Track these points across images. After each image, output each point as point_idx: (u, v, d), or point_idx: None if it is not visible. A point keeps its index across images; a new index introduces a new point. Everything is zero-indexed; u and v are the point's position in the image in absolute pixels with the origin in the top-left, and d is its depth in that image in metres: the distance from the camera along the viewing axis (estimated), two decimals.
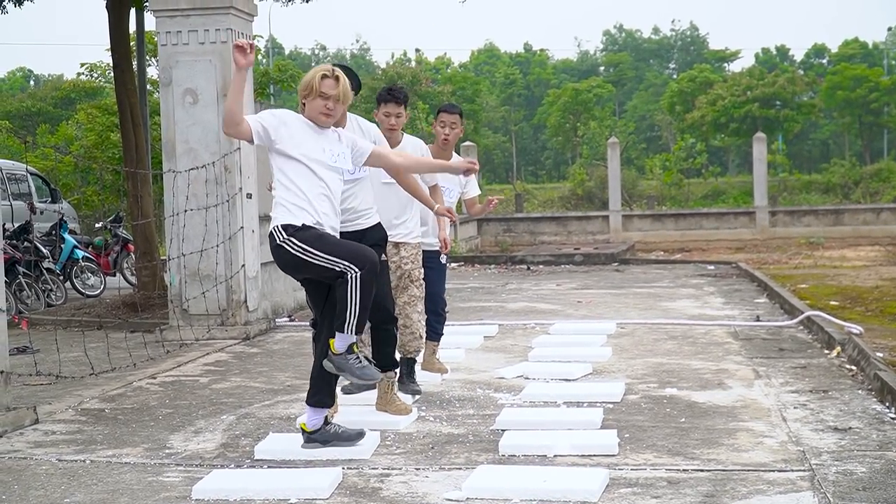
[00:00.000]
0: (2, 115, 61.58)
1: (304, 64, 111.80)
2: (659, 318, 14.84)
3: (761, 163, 35.60)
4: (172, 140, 14.06)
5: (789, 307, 14.88)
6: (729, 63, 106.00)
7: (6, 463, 7.60)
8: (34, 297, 17.82)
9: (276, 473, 7.03)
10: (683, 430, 8.07)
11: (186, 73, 14.01)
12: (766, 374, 10.34)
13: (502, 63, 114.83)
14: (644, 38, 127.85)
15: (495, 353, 12.19)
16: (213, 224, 13.83)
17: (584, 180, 49.41)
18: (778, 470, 6.86)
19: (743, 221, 35.04)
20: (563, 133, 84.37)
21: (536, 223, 36.15)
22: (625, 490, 6.49)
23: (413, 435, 8.18)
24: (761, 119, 70.24)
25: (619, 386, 9.62)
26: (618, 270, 24.31)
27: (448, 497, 6.45)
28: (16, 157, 35.05)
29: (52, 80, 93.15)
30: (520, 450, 7.48)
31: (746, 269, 21.70)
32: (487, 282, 21.79)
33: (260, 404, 9.55)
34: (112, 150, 30.35)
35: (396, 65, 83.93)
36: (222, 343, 13.39)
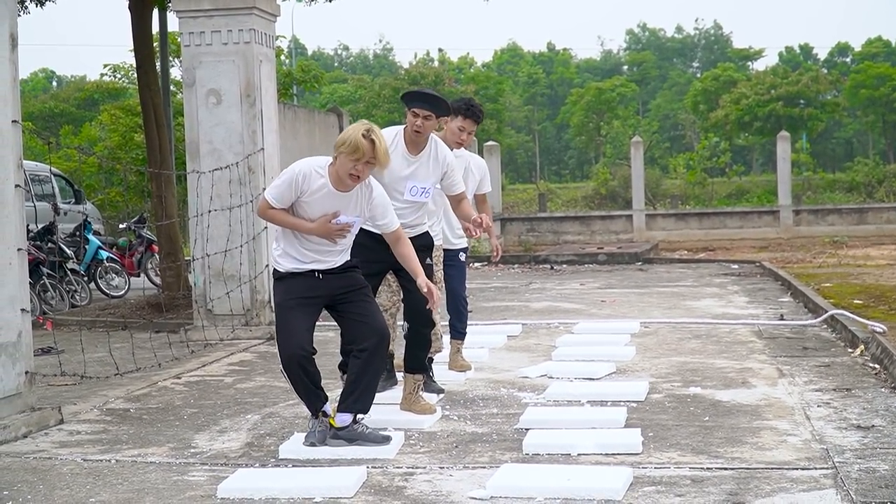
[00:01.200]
0: (25, 116, 61.61)
1: (327, 64, 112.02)
2: (683, 317, 14.83)
3: (785, 162, 35.49)
4: (196, 141, 14.09)
5: (813, 306, 14.84)
6: (752, 62, 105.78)
7: (31, 463, 7.64)
8: (59, 297, 17.88)
9: (301, 472, 7.05)
10: (707, 428, 8.06)
11: (210, 74, 14.04)
12: (790, 372, 10.33)
13: (525, 62, 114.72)
14: (667, 36, 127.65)
15: (519, 352, 12.19)
16: (237, 224, 13.87)
17: (607, 180, 49.37)
18: (801, 468, 6.85)
19: (767, 220, 34.94)
20: (586, 132, 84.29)
21: (560, 223, 36.10)
22: (649, 488, 6.49)
23: (437, 434, 8.20)
24: (785, 118, 70.01)
25: (643, 385, 9.62)
26: (641, 270, 24.28)
27: (472, 496, 6.46)
28: (39, 158, 35.18)
29: (74, 81, 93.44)
30: (544, 449, 7.49)
31: (770, 268, 21.65)
32: (511, 281, 21.79)
33: (284, 403, 9.57)
34: (136, 151, 30.45)
35: (419, 65, 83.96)
36: (246, 343, 13.43)
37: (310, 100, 65.94)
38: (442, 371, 10.29)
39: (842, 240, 31.49)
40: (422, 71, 73.59)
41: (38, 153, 39.98)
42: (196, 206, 13.96)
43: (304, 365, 7.61)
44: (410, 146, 8.57)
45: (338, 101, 64.06)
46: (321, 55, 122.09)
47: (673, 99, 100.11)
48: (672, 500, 6.23)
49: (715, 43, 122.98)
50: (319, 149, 17.32)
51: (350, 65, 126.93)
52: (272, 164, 14.29)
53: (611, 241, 33.63)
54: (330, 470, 7.08)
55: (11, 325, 8.60)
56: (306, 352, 7.66)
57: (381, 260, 8.51)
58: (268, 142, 14.19)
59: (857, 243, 30.85)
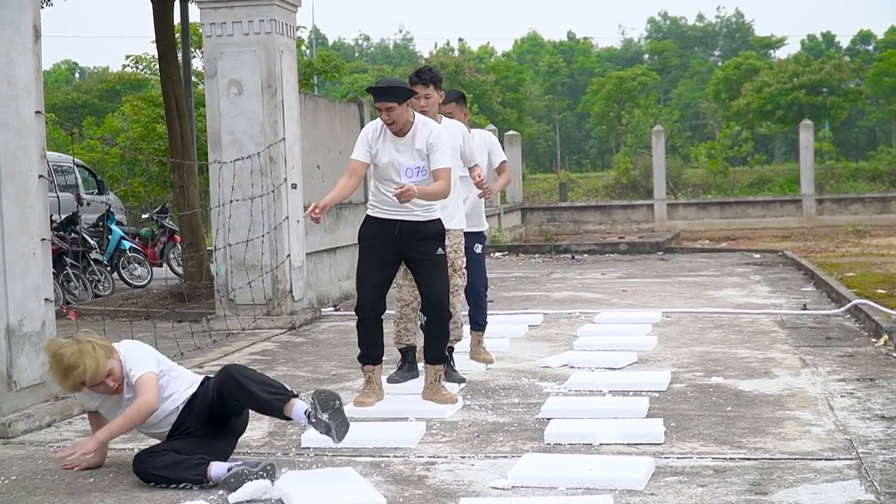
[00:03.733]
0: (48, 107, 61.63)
1: (348, 54, 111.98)
2: (705, 306, 14.80)
3: (808, 150, 35.43)
4: (218, 131, 14.12)
5: (836, 295, 14.81)
6: (774, 50, 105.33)
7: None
8: (82, 287, 17.93)
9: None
10: (730, 418, 8.06)
11: (231, 65, 14.07)
12: (813, 362, 10.31)
13: (546, 52, 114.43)
14: (689, 25, 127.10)
15: (540, 342, 12.19)
16: (259, 214, 13.89)
17: (628, 169, 49.31)
18: (825, 458, 6.84)
19: (789, 209, 34.88)
20: (607, 121, 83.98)
21: (580, 212, 36.11)
22: (671, 478, 6.49)
23: (459, 423, 8.21)
24: (808, 106, 69.67)
25: (665, 375, 9.61)
26: (663, 259, 24.25)
27: (494, 485, 6.46)
28: (62, 148, 35.22)
29: (97, 72, 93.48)
30: (565, 438, 7.49)
31: (793, 258, 21.59)
32: (531, 271, 21.78)
33: (306, 393, 9.57)
34: (158, 142, 30.47)
35: (440, 54, 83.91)
36: (268, 333, 13.46)
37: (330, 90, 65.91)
38: (463, 361, 10.31)
39: (865, 229, 31.41)
40: (442, 61, 73.47)
41: (61, 144, 40.07)
42: (218, 196, 14.00)
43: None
44: (396, 131, 8.68)
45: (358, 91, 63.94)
46: (341, 45, 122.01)
47: (694, 88, 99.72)
48: (695, 491, 6.23)
49: (737, 31, 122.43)
50: (340, 138, 17.33)
51: (370, 55, 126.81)
52: (293, 154, 14.31)
53: (632, 230, 33.60)
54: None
55: (35, 315, 8.64)
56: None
57: (396, 250, 8.71)
58: (289, 132, 14.21)
59: (880, 232, 30.77)
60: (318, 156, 16.27)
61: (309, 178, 15.37)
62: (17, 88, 8.47)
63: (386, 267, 8.78)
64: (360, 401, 8.72)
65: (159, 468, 6.58)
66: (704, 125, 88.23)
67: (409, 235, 8.67)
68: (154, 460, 6.63)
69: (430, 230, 8.74)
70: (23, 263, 8.48)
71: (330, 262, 16.60)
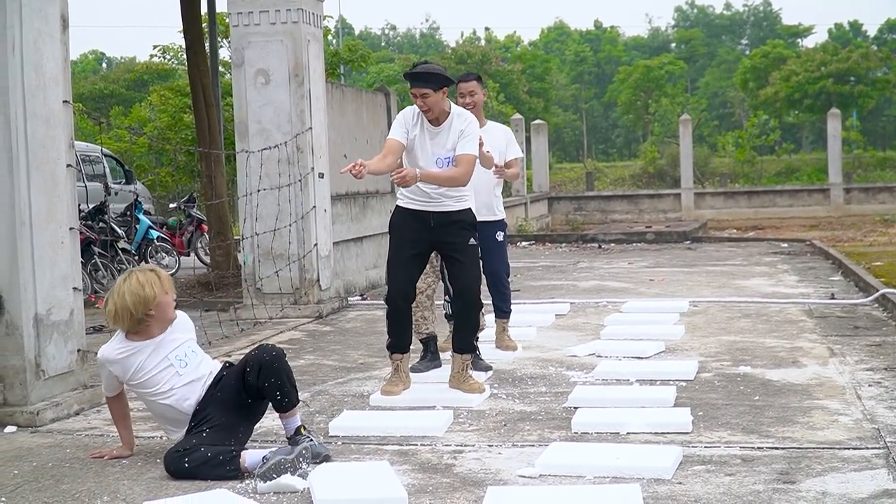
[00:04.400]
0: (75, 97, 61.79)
1: (374, 44, 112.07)
2: (732, 296, 14.77)
3: (836, 139, 35.30)
4: (245, 120, 14.14)
5: (864, 285, 14.75)
6: (802, 39, 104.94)
7: (83, 440, 7.70)
8: (109, 276, 17.97)
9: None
10: (758, 408, 8.04)
11: (258, 54, 14.08)
12: (841, 351, 10.28)
13: (572, 41, 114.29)
14: (716, 13, 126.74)
15: (567, 331, 12.18)
16: (286, 203, 13.91)
17: (655, 158, 49.23)
18: (853, 448, 6.82)
19: (817, 199, 34.77)
20: (634, 111, 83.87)
21: (607, 201, 36.06)
22: (698, 467, 6.48)
23: (486, 412, 8.21)
24: (835, 95, 69.40)
25: (693, 364, 9.60)
26: (690, 248, 24.20)
27: (521, 473, 6.46)
28: (90, 138, 35.36)
29: (124, 62, 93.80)
30: (592, 427, 7.48)
31: (821, 247, 21.53)
32: (558, 260, 21.76)
33: (333, 382, 9.61)
34: (185, 132, 30.56)
35: (466, 44, 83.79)
36: (295, 322, 13.48)
37: (357, 79, 65.96)
38: (489, 350, 10.30)
39: (893, 218, 31.29)
40: (468, 50, 73.46)
41: (88, 134, 40.20)
42: (245, 186, 14.02)
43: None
44: (431, 119, 8.61)
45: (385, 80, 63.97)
46: (368, 35, 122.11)
47: (721, 76, 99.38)
48: (722, 480, 6.22)
49: (764, 20, 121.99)
50: (367, 128, 17.34)
51: (397, 44, 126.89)
52: (320, 144, 14.32)
53: (659, 219, 33.56)
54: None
55: (64, 304, 8.67)
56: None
57: (427, 241, 8.67)
58: (316, 121, 14.22)
59: None
60: (344, 145, 16.28)
61: (336, 168, 15.36)
62: (44, 78, 8.50)
63: (417, 256, 8.72)
64: (388, 389, 8.68)
65: (192, 467, 6.57)
66: (732, 114, 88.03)
67: (442, 226, 8.64)
68: (185, 459, 6.61)
69: (462, 219, 8.70)
70: (51, 252, 8.52)
71: (357, 252, 16.62)
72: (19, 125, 8.19)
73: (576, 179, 50.87)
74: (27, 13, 8.30)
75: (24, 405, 8.20)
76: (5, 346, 8.25)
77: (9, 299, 8.22)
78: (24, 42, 8.27)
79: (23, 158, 8.20)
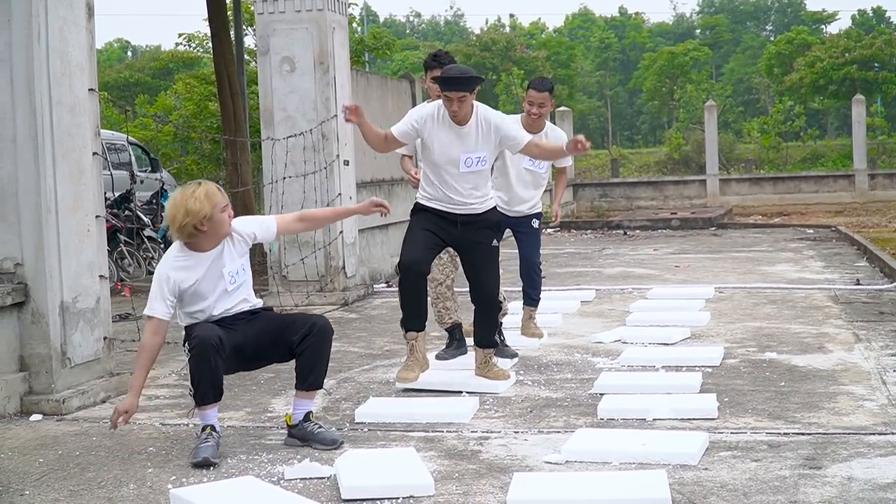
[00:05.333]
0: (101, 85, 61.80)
1: (399, 31, 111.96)
2: (758, 282, 14.75)
3: (860, 125, 35.15)
4: (270, 108, 14.16)
5: (889, 270, 14.71)
6: (826, 25, 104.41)
7: (109, 428, 7.73)
8: (135, 264, 18.05)
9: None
10: (783, 393, 8.03)
11: (283, 42, 14.10)
12: (867, 337, 10.25)
13: (597, 27, 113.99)
14: (741, 0, 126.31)
15: (592, 317, 12.18)
16: (312, 191, 13.93)
17: (680, 144, 49.04)
18: (878, 433, 6.81)
19: (842, 185, 34.63)
20: (659, 97, 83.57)
21: (632, 188, 35.99)
22: (724, 453, 6.47)
23: (512, 399, 8.22)
24: (860, 81, 68.97)
25: (718, 350, 9.58)
26: (715, 235, 24.15)
27: (547, 460, 6.47)
28: (115, 127, 35.38)
29: (149, 50, 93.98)
30: (618, 413, 7.49)
31: (846, 233, 21.48)
32: (584, 247, 21.75)
33: (359, 369, 9.63)
34: (210, 120, 30.58)
35: (491, 31, 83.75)
36: (321, 309, 13.49)
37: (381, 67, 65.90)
38: (514, 337, 10.29)
39: None
40: (493, 37, 73.45)
41: (114, 122, 40.24)
42: (270, 174, 14.04)
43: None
44: (458, 120, 8.27)
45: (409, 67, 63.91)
46: (393, 22, 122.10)
47: (746, 63, 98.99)
48: (748, 465, 6.22)
49: (788, 6, 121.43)
50: (392, 115, 17.33)
51: (421, 31, 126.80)
52: (345, 131, 14.33)
53: (684, 206, 33.47)
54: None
55: (90, 292, 8.71)
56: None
57: (446, 231, 8.40)
58: (341, 108, 14.21)
59: None
60: None
61: (361, 155, 15.38)
62: (70, 66, 8.53)
63: (436, 237, 8.37)
64: (403, 376, 8.41)
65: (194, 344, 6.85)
66: (757, 100, 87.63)
67: (467, 226, 8.39)
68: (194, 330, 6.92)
69: (487, 220, 8.49)
70: (77, 240, 8.55)
71: (382, 239, 16.64)
72: (45, 113, 8.23)
73: (601, 166, 50.71)
74: (52, 2, 8.33)
75: (50, 393, 8.24)
76: (31, 335, 8.29)
77: (35, 287, 8.26)
78: (50, 30, 8.30)
79: (48, 147, 8.24)
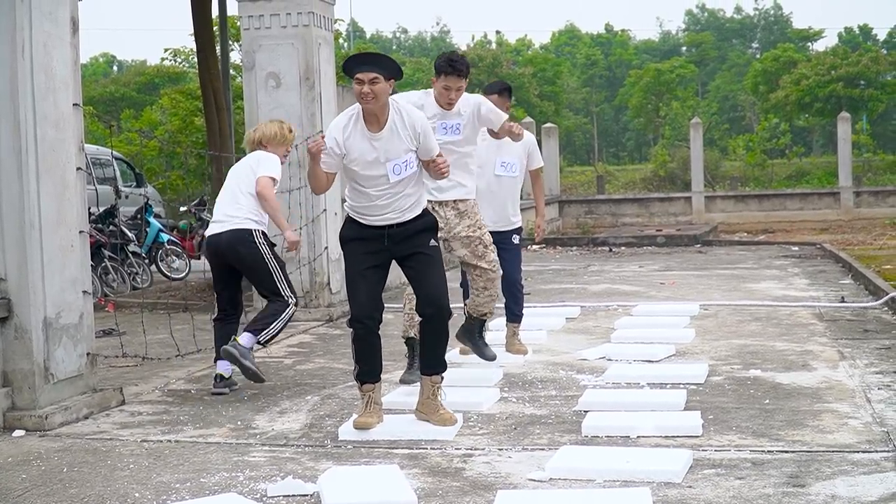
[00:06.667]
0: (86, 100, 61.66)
1: (386, 47, 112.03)
2: (743, 299, 14.76)
3: (846, 143, 35.22)
4: (255, 124, 14.12)
5: (874, 288, 14.73)
6: (812, 42, 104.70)
7: (93, 444, 7.71)
8: (120, 280, 18.01)
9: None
10: (768, 411, 8.02)
11: (269, 57, 14.10)
12: (851, 355, 10.26)
13: (583, 44, 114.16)
14: (727, 17, 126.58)
15: (577, 334, 12.18)
16: (297, 207, 13.91)
17: (666, 161, 49.10)
18: (862, 451, 6.81)
19: (827, 202, 34.68)
20: (644, 114, 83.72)
21: (618, 205, 35.99)
22: (708, 471, 6.47)
23: (496, 416, 8.20)
24: (845, 98, 69.17)
25: (703, 367, 9.59)
26: (700, 252, 24.18)
27: (531, 477, 6.46)
28: (101, 141, 35.41)
29: (135, 65, 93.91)
30: (603, 431, 7.47)
31: (831, 250, 21.51)
32: (569, 264, 21.75)
33: (343, 385, 9.61)
34: (196, 135, 30.57)
35: (477, 47, 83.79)
36: (306, 325, 13.48)
37: None
38: (499, 353, 10.26)
39: None
40: (479, 53, 73.40)
41: (99, 137, 40.23)
42: None
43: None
44: (370, 123, 7.59)
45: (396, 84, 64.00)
46: (379, 38, 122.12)
47: (732, 80, 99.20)
48: (732, 483, 6.21)
49: (775, 24, 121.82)
50: None
51: (408, 47, 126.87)
52: None
53: (669, 223, 33.49)
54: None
55: (73, 307, 8.68)
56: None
57: (386, 252, 7.75)
58: (326, 124, 14.22)
59: None
60: None
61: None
62: (55, 81, 8.51)
63: (376, 270, 7.76)
64: (363, 422, 7.67)
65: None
66: (742, 117, 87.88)
67: (399, 237, 7.74)
68: None
69: (420, 225, 7.78)
70: (61, 256, 8.52)
71: None
72: (29, 128, 8.20)
73: (586, 183, 50.79)
74: (37, 16, 8.31)
75: (33, 409, 8.21)
76: (14, 350, 8.26)
77: (18, 302, 8.22)
78: (34, 45, 8.28)
79: (32, 162, 8.21)
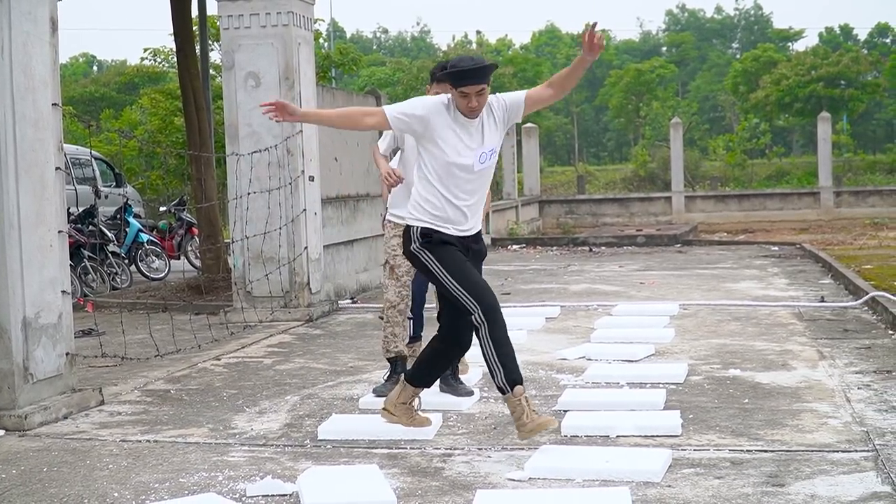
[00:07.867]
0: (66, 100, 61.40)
1: (366, 47, 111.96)
2: (722, 299, 14.79)
3: (826, 143, 35.32)
4: (235, 123, 14.13)
5: (854, 288, 14.77)
6: (793, 42, 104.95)
7: (72, 444, 7.69)
8: (99, 280, 17.97)
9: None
10: (747, 410, 8.04)
11: (248, 57, 14.08)
12: (831, 354, 10.28)
13: (564, 44, 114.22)
14: (707, 17, 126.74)
15: (557, 334, 12.18)
16: (276, 206, 13.90)
17: (646, 161, 49.26)
18: (842, 450, 6.82)
19: (807, 202, 34.78)
20: (625, 114, 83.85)
21: (598, 205, 36.04)
22: (688, 470, 6.48)
23: (475, 416, 8.20)
24: (826, 99, 69.37)
25: (682, 367, 9.60)
26: (680, 252, 24.21)
27: (510, 477, 6.46)
28: (80, 141, 35.26)
29: (115, 65, 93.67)
30: (582, 430, 7.48)
31: (811, 250, 21.56)
32: (549, 263, 21.76)
33: (323, 385, 9.60)
34: (176, 135, 30.57)
35: (457, 47, 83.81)
36: (285, 325, 13.47)
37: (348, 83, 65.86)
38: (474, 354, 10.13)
39: (882, 221, 31.31)
40: (459, 53, 73.43)
41: (79, 137, 40.11)
42: (235, 189, 14.01)
43: None
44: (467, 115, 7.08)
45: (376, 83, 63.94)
46: (359, 38, 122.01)
47: (712, 80, 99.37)
48: (711, 482, 6.22)
49: (755, 24, 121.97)
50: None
51: (388, 47, 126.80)
52: (311, 147, 14.32)
53: (650, 223, 33.57)
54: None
55: (52, 307, 8.65)
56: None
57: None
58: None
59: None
60: (335, 148, 16.27)
61: (326, 171, 15.37)
62: (34, 81, 8.49)
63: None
64: (546, 421, 6.95)
65: None
66: (722, 118, 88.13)
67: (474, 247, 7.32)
68: None
69: (479, 247, 7.39)
70: (39, 256, 8.50)
71: (347, 255, 16.61)
72: (8, 128, 8.18)
73: (567, 183, 50.90)
74: (16, 16, 8.28)
75: (13, 409, 8.18)
76: None
77: None
78: (13, 45, 8.25)
79: (11, 162, 8.19)
